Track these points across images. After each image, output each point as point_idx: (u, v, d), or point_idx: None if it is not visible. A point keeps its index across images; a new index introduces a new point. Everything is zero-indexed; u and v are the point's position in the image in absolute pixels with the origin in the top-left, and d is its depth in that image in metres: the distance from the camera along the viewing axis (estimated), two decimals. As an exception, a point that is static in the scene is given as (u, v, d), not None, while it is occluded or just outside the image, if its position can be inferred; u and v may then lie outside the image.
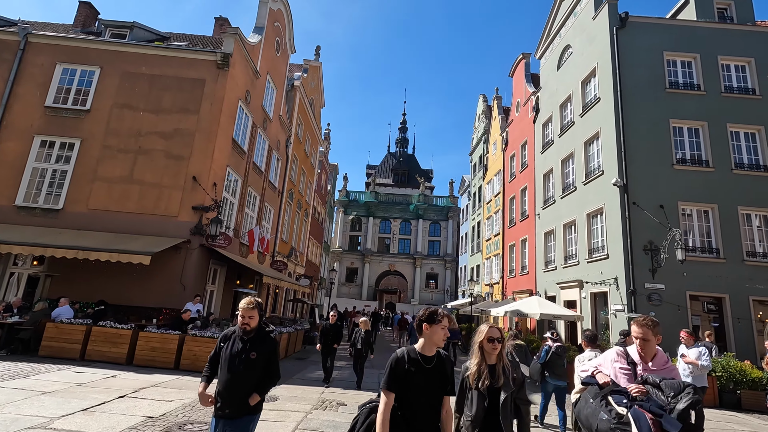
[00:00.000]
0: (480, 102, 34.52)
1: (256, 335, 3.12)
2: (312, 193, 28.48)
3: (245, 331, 3.08)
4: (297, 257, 25.01)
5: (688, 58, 14.75)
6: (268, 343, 3.15)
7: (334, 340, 9.02)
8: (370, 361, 13.04)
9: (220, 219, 12.19)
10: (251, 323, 3.08)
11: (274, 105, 18.62)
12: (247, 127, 15.61)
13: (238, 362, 3.00)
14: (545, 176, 19.58)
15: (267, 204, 18.55)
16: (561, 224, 17.22)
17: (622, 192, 13.36)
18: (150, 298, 11.64)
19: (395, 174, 54.64)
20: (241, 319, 3.08)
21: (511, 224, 23.69)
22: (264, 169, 17.72)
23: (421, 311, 2.64)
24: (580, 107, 16.55)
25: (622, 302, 12.72)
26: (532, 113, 21.66)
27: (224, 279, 14.36)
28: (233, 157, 14.36)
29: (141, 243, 11.01)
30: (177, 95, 13.17)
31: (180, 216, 12.30)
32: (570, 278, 15.92)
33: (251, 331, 3.09)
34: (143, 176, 12.50)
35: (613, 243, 13.50)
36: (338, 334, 9.15)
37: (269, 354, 3.13)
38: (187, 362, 8.28)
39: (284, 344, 11.65)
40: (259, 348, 3.08)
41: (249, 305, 3.10)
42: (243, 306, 3.11)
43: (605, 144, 14.48)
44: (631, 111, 14.03)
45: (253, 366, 3.02)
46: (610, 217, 13.77)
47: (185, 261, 11.94)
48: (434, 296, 41.69)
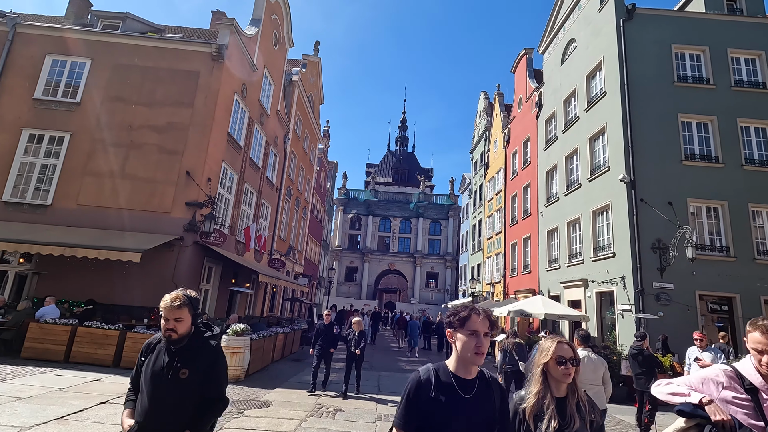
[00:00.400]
0: (481, 99, 34.11)
1: (189, 345, 2.24)
2: (311, 191, 28.08)
3: (170, 340, 2.21)
4: (295, 256, 24.62)
5: (696, 51, 14.34)
6: (206, 354, 2.26)
7: (328, 343, 8.26)
8: (368, 363, 12.79)
9: (214, 215, 11.79)
10: (179, 328, 2.20)
11: (272, 100, 18.20)
12: (244, 121, 15.20)
13: (163, 383, 2.16)
14: (548, 173, 19.18)
15: (264, 201, 18.15)
16: (565, 222, 16.83)
17: (630, 189, 12.96)
18: (141, 297, 11.22)
19: (395, 172, 54.26)
20: (164, 323, 2.20)
21: (513, 222, 23.30)
22: (261, 166, 17.31)
23: (448, 312, 1.91)
24: (585, 102, 16.14)
25: (630, 302, 12.33)
26: (535, 109, 21.25)
27: (219, 278, 13.95)
28: (229, 153, 13.95)
29: (132, 240, 10.61)
30: (170, 88, 12.76)
31: (173, 212, 11.90)
32: (574, 277, 15.53)
33: (180, 339, 2.22)
34: (135, 171, 12.09)
35: (619, 241, 13.11)
36: (333, 336, 8.32)
37: (209, 370, 2.24)
38: (177, 365, 7.90)
39: (280, 345, 11.27)
40: (193, 362, 2.20)
41: (174, 302, 2.21)
42: (165, 304, 2.22)
43: (611, 139, 14.08)
44: (639, 105, 13.63)
45: (183, 388, 2.16)
46: (617, 214, 13.37)
47: (178, 259, 11.53)
48: (434, 296, 41.32)
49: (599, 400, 4.07)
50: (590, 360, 4.28)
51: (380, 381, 9.40)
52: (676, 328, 11.66)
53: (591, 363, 4.26)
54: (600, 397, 4.12)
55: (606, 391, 4.24)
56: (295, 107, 21.89)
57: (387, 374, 10.58)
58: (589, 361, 4.27)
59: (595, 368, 4.27)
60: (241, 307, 16.46)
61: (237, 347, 7.69)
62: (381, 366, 12.34)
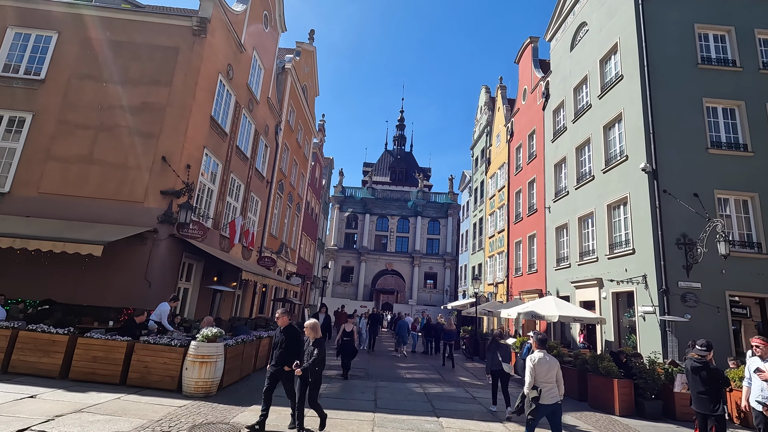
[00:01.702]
0: (482, 93, 32.99)
1: None
2: (305, 187, 26.84)
3: None
4: (288, 254, 23.37)
5: (721, 32, 13.25)
6: None
7: (286, 357, 5.61)
8: (364, 370, 11.57)
9: (192, 205, 10.54)
10: None
11: (262, 86, 16.98)
12: (230, 105, 13.97)
13: None
14: (556, 166, 18.05)
15: (253, 194, 16.91)
16: (575, 217, 15.68)
17: (651, 179, 11.82)
18: (109, 296, 10.00)
19: (393, 172, 53.07)
20: None
21: (518, 219, 22.15)
22: (250, 156, 16.08)
23: None
24: (598, 88, 15.01)
25: (653, 303, 11.18)
26: (542, 100, 20.12)
27: (201, 275, 12.70)
28: (212, 138, 12.72)
29: (96, 232, 9.36)
30: (146, 65, 11.53)
31: (147, 202, 10.66)
32: (587, 276, 14.37)
33: None
34: (105, 156, 10.85)
35: (640, 236, 11.96)
36: (296, 345, 5.73)
37: None
38: (136, 376, 6.65)
39: (265, 351, 10.03)
40: None
41: None
42: None
43: (630, 126, 12.95)
44: (660, 89, 12.51)
45: None
46: (637, 207, 12.23)
47: (151, 253, 10.29)
48: (433, 296, 40.13)
49: (553, 396, 4.87)
50: (545, 361, 4.99)
51: (378, 393, 8.17)
52: (705, 333, 10.44)
53: (546, 363, 4.98)
54: (554, 394, 4.90)
55: (559, 389, 4.97)
56: (288, 96, 20.68)
57: (385, 385, 9.35)
58: (545, 361, 4.98)
59: (549, 368, 4.97)
60: (226, 308, 15.20)
61: (207, 356, 6.46)
62: (379, 374, 11.12)
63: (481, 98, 33.50)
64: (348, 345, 9.98)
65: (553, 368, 5.00)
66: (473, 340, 18.23)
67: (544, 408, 4.88)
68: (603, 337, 13.34)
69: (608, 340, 13.04)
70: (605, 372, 7.99)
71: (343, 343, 10.04)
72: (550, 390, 4.89)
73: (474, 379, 11.71)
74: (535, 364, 4.99)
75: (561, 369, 5.21)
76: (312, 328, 5.67)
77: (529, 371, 5.01)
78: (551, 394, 4.90)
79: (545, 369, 4.94)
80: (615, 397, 7.70)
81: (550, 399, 4.88)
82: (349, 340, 9.95)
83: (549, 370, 4.96)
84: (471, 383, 10.81)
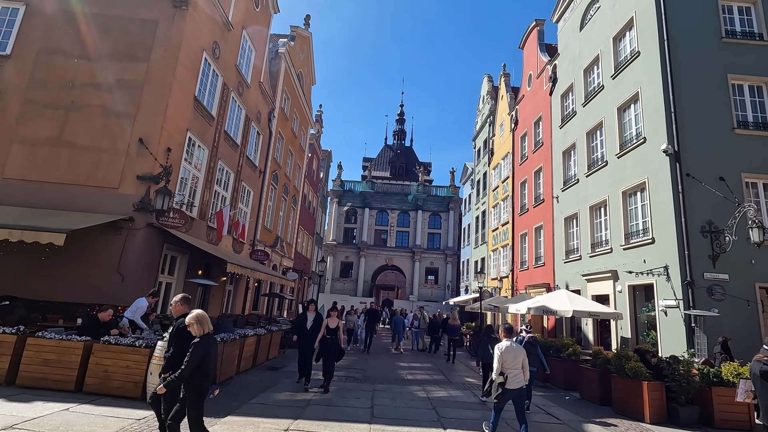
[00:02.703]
0: (485, 82, 31.95)
1: None
2: (301, 179, 25.89)
3: None
4: (284, 248, 22.44)
5: (746, 3, 12.25)
6: None
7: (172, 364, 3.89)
8: (361, 371, 10.57)
9: (169, 190, 9.59)
10: None
11: (253, 69, 15.99)
12: (216, 87, 13.00)
13: None
14: (565, 153, 17.09)
15: (245, 184, 15.96)
16: (587, 206, 14.74)
17: (673, 162, 10.87)
18: (80, 291, 9.08)
19: (392, 167, 51.97)
20: None
21: (523, 211, 21.20)
22: (240, 143, 15.12)
23: None
24: (611, 68, 14.03)
25: (675, 296, 10.25)
26: (548, 84, 19.13)
27: (185, 269, 11.78)
28: (197, 121, 11.76)
29: (62, 219, 8.43)
30: (122, 39, 10.57)
31: (121, 188, 9.73)
32: (600, 269, 13.44)
33: None
34: (76, 138, 9.91)
35: (661, 224, 11.01)
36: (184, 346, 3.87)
37: None
38: (95, 382, 5.74)
39: (251, 351, 9.12)
40: None
41: None
42: None
43: (648, 106, 11.97)
44: (681, 65, 11.53)
45: None
46: (656, 192, 11.28)
47: (126, 244, 9.36)
48: (434, 292, 39.22)
49: (518, 381, 5.27)
50: (512, 348, 5.39)
51: (375, 399, 7.22)
52: (733, 329, 9.61)
53: (513, 351, 5.36)
54: (519, 379, 5.29)
55: (524, 374, 5.36)
56: (282, 83, 19.69)
57: (384, 388, 8.40)
58: (511, 349, 5.37)
59: (516, 355, 5.34)
60: (216, 304, 14.29)
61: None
62: (377, 375, 10.20)
63: (483, 87, 32.47)
64: (331, 345, 7.88)
65: (519, 356, 5.42)
66: (476, 336, 17.30)
67: (510, 392, 5.33)
68: (618, 333, 12.42)
69: (624, 337, 12.12)
70: (632, 373, 7.06)
71: (325, 343, 7.93)
72: (515, 376, 5.35)
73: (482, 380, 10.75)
74: (503, 352, 5.41)
75: (579, 369, 5.50)
76: (198, 321, 3.84)
77: (497, 358, 5.41)
78: (517, 379, 5.34)
79: (512, 356, 5.37)
80: (644, 402, 6.78)
81: (515, 384, 5.32)
82: (332, 339, 7.95)
83: (515, 357, 5.39)
84: (479, 385, 9.87)
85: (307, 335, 7.99)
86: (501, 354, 5.36)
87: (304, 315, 8.31)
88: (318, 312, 8.43)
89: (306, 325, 8.09)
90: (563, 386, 9.81)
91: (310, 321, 8.13)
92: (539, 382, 10.89)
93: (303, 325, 8.16)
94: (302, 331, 8.13)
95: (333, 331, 7.83)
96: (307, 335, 7.99)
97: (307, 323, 8.11)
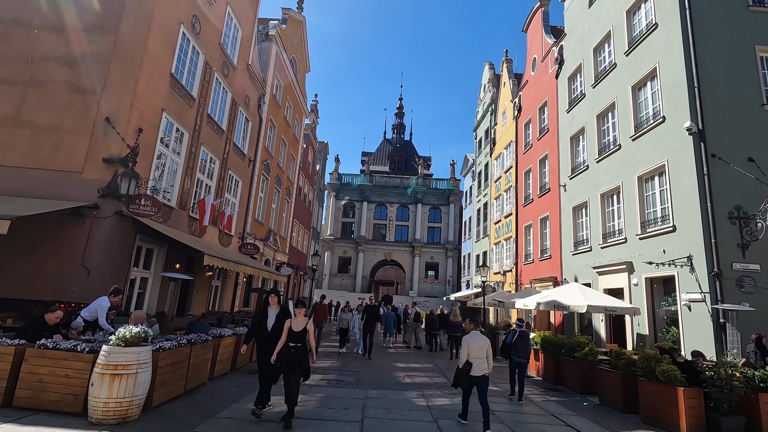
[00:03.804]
0: (486, 70, 30.87)
1: None
2: (296, 170, 24.86)
3: None
4: (277, 242, 21.48)
5: (774, -31, 11.18)
6: None
7: None
8: (355, 374, 9.39)
9: (136, 173, 8.58)
10: None
11: (239, 49, 14.94)
12: (197, 65, 11.98)
13: None
14: (573, 139, 16.08)
15: (232, 173, 14.95)
16: (597, 194, 13.76)
17: (697, 141, 9.87)
18: (40, 287, 8.12)
19: (392, 161, 50.96)
20: None
21: (527, 202, 20.21)
22: (226, 128, 14.11)
23: None
24: (624, 44, 13.00)
25: (701, 289, 9.28)
26: (554, 67, 18.08)
27: (164, 262, 10.81)
28: (174, 101, 10.76)
29: (14, 206, 7.43)
30: (87, 9, 9.55)
31: (85, 172, 8.74)
32: (613, 260, 12.48)
33: None
34: (35, 117, 8.92)
35: (683, 210, 10.03)
36: None
37: None
38: (27, 395, 4.78)
39: (227, 353, 8.15)
40: None
41: None
42: None
43: (667, 82, 10.96)
44: (704, 37, 10.51)
45: None
46: (678, 175, 10.29)
47: (90, 234, 8.38)
48: (435, 288, 38.31)
49: (482, 369, 5.84)
50: (477, 339, 5.98)
51: (367, 410, 6.19)
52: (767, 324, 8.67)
53: (478, 341, 5.96)
54: (482, 368, 5.85)
55: (488, 363, 5.91)
56: (273, 67, 18.64)
57: (378, 395, 7.40)
58: (477, 340, 5.96)
59: (481, 346, 5.92)
60: (200, 301, 13.35)
61: (123, 365, 4.58)
62: (371, 378, 9.25)
63: (484, 76, 31.40)
64: (292, 359, 5.32)
65: (484, 346, 5.89)
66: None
67: (474, 379, 5.77)
68: (634, 330, 11.47)
69: (641, 334, 11.17)
70: (665, 378, 6.09)
71: (287, 354, 5.37)
72: (480, 364, 5.80)
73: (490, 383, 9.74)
74: (470, 343, 5.88)
75: (598, 372, 6.21)
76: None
77: (464, 348, 5.88)
78: (480, 367, 5.80)
79: (477, 347, 5.84)
80: (680, 411, 5.81)
81: (479, 372, 5.79)
82: (297, 349, 5.37)
83: (480, 348, 5.86)
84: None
85: (268, 340, 5.69)
86: (468, 344, 5.85)
87: (264, 311, 6.00)
88: (283, 307, 6.15)
89: (266, 325, 5.83)
90: (578, 389, 8.84)
91: (272, 319, 5.84)
92: (550, 384, 9.96)
93: (262, 325, 5.86)
94: (261, 334, 5.84)
95: (299, 337, 5.33)
96: (268, 340, 5.69)
97: (268, 322, 5.85)
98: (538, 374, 11.11)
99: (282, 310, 6.03)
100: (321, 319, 13.11)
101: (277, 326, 5.68)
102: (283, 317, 5.75)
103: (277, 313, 5.92)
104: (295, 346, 5.33)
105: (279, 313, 5.93)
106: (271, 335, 5.69)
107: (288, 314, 5.90)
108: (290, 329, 5.41)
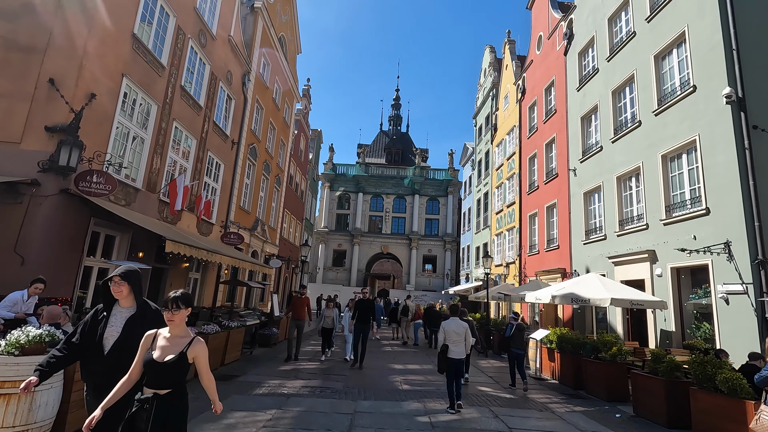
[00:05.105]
0: (486, 54, 29.51)
1: None
2: (286, 157, 23.48)
3: None
4: (266, 233, 20.16)
5: None
6: None
7: None
8: (343, 377, 7.92)
9: (80, 141, 7.24)
10: None
11: (219, 18, 13.53)
12: (167, 29, 10.59)
13: None
14: (584, 119, 14.83)
15: (212, 155, 13.60)
16: (612, 177, 12.54)
17: (736, 112, 8.63)
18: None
19: (388, 153, 49.38)
20: None
21: (532, 189, 18.98)
22: (204, 104, 12.75)
23: None
24: (645, 9, 11.71)
25: (742, 279, 8.07)
26: (563, 43, 16.79)
27: (127, 251, 9.48)
28: (139, 66, 9.39)
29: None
30: (30, -47, 8.12)
31: (24, 143, 7.40)
32: (632, 249, 11.28)
33: None
34: (-35, 78, 7.54)
35: (718, 191, 8.81)
36: None
37: None
38: None
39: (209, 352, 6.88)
40: None
41: None
42: None
43: (699, 47, 9.69)
44: (740, -6, 9.24)
45: None
46: (712, 153, 9.06)
47: (26, 215, 7.05)
48: (433, 281, 37.13)
49: (459, 352, 6.42)
50: (455, 325, 6.52)
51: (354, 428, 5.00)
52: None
53: (455, 325, 6.52)
54: (460, 350, 6.43)
55: (466, 344, 6.52)
56: (259, 43, 17.22)
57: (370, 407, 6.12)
58: (455, 325, 6.51)
59: (458, 329, 6.48)
60: (175, 294, 12.00)
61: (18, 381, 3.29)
62: (363, 382, 8.01)
63: (484, 60, 30.04)
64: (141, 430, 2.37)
65: (461, 330, 6.50)
66: (485, 330, 15.16)
67: (452, 361, 6.32)
68: (658, 326, 10.29)
69: (666, 330, 9.98)
70: (728, 389, 4.89)
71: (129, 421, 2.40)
72: (457, 346, 6.41)
73: (499, 388, 8.49)
74: (446, 327, 6.50)
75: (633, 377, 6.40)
76: None
77: (441, 332, 6.52)
78: (458, 350, 6.40)
79: (453, 330, 6.45)
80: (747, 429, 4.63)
81: (456, 355, 6.37)
82: (156, 405, 2.41)
83: (457, 331, 6.46)
84: (498, 396, 7.66)
85: (98, 371, 2.78)
86: (443, 328, 6.46)
87: (101, 312, 2.88)
88: (150, 307, 3.01)
89: (102, 336, 2.79)
90: (605, 397, 7.61)
91: (116, 327, 2.82)
92: (570, 389, 8.75)
93: (91, 338, 2.78)
94: (85, 356, 2.83)
95: (166, 374, 2.48)
96: (98, 371, 2.78)
97: (106, 332, 2.81)
98: (553, 377, 9.90)
99: (143, 310, 2.93)
100: (300, 316, 10.44)
101: (125, 343, 2.74)
102: (142, 326, 2.72)
103: (130, 317, 2.86)
104: (154, 397, 2.41)
105: (134, 315, 2.87)
106: (106, 361, 2.75)
107: (157, 321, 2.79)
108: (149, 357, 2.46)
